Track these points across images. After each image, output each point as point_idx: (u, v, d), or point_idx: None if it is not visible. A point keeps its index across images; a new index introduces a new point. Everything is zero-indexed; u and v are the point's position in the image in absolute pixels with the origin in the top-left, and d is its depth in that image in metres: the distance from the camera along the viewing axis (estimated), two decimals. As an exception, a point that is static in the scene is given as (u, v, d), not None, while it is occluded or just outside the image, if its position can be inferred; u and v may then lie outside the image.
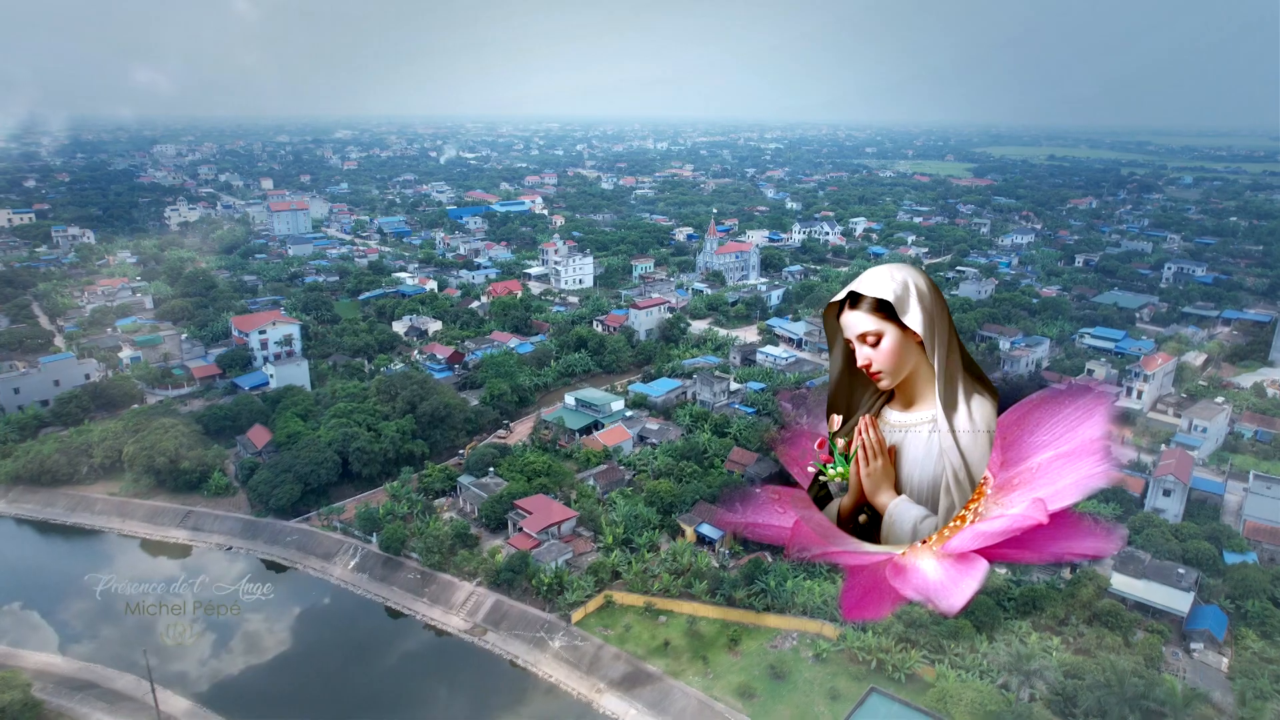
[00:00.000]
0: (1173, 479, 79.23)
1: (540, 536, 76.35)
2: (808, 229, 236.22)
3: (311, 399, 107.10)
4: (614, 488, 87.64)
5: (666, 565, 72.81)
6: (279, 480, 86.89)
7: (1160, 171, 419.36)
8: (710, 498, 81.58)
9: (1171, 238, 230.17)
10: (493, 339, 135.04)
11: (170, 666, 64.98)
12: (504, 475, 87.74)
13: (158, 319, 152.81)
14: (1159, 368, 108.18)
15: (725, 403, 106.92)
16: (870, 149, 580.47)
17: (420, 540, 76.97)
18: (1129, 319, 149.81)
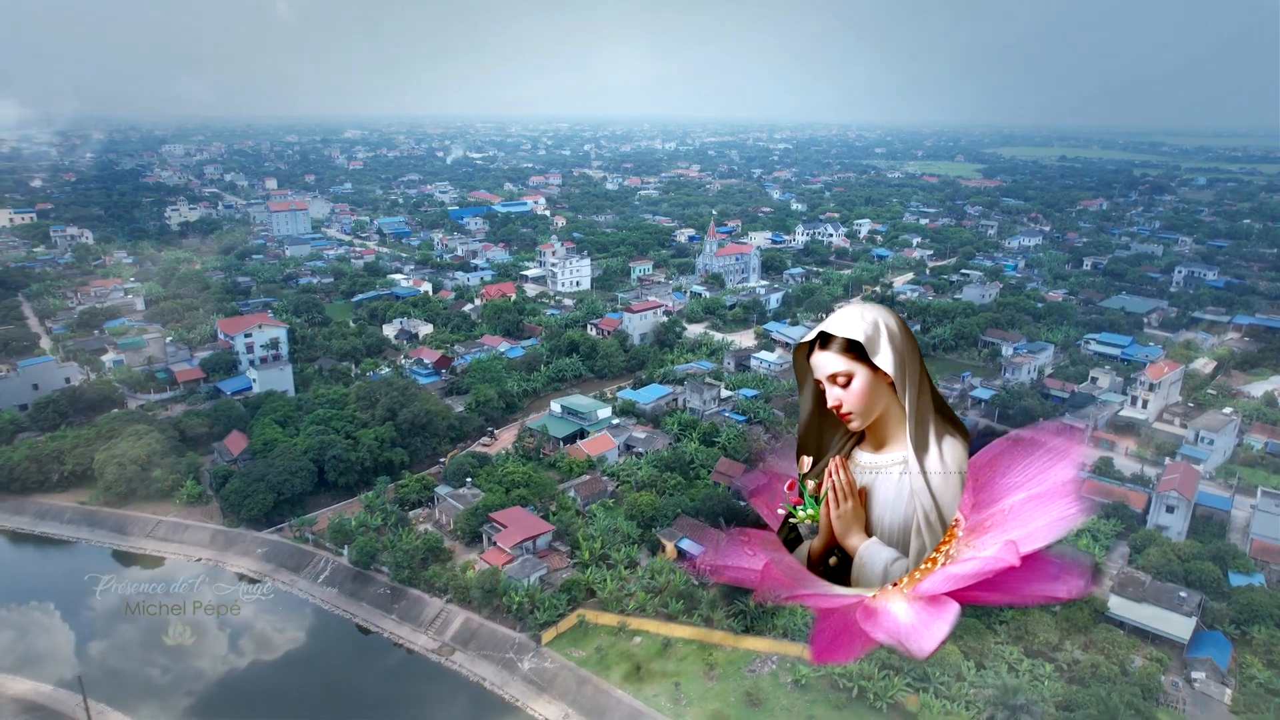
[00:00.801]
0: (1176, 495, 75.76)
1: (514, 552, 73.59)
2: (811, 230, 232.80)
3: (292, 404, 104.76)
4: (596, 499, 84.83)
5: (644, 583, 69.91)
6: (251, 490, 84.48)
7: (1173, 172, 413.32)
8: (693, 511, 78.59)
9: (1183, 240, 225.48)
10: (483, 343, 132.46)
11: (118, 685, 62.47)
12: (482, 486, 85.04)
13: (147, 321, 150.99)
14: (1165, 376, 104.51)
15: (715, 410, 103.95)
16: (880, 150, 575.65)
17: (391, 554, 74.31)
18: (1137, 324, 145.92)
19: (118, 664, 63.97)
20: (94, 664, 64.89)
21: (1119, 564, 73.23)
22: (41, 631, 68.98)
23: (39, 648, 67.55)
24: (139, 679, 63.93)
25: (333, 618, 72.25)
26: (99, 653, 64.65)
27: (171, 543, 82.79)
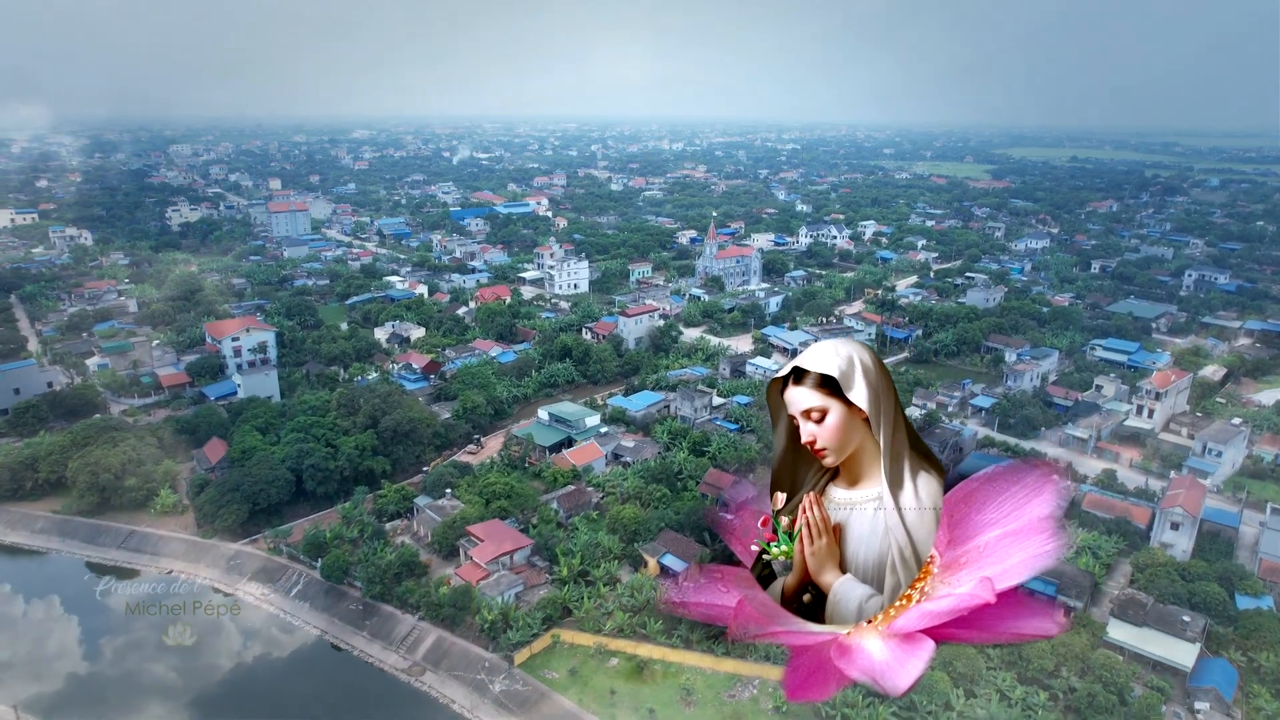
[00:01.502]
0: (1181, 511, 72.59)
1: (490, 567, 71.08)
2: (815, 232, 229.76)
3: (275, 411, 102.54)
4: (579, 511, 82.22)
5: (622, 601, 67.26)
6: (225, 500, 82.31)
7: (1186, 173, 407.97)
8: (677, 525, 75.90)
9: (1194, 242, 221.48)
10: (474, 347, 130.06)
11: (67, 702, 60.23)
12: (462, 497, 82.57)
13: (138, 323, 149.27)
14: (1172, 384, 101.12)
15: (707, 418, 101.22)
16: (888, 150, 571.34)
17: (364, 569, 71.89)
18: (1144, 329, 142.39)
19: (69, 681, 61.76)
20: (46, 680, 62.72)
21: (1120, 584, 70.18)
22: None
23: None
24: (89, 697, 61.67)
25: (302, 634, 69.89)
26: (51, 668, 62.45)
27: (143, 554, 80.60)
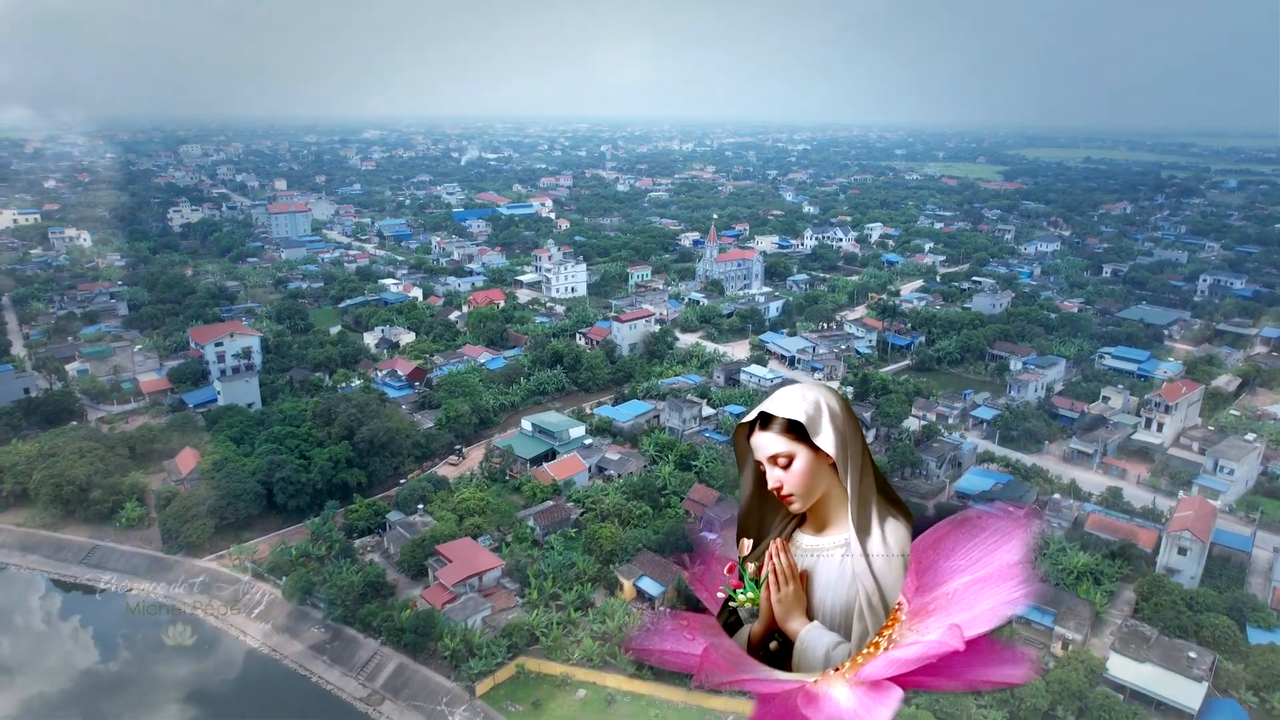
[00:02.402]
0: (1189, 536, 68.44)
1: (457, 590, 67.81)
2: (821, 235, 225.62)
3: (253, 419, 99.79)
4: (557, 528, 78.83)
5: (593, 628, 63.85)
6: (191, 514, 79.44)
7: (1202, 174, 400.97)
8: (656, 546, 72.41)
9: (1210, 246, 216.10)
10: (463, 353, 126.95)
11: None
12: (434, 513, 79.36)
13: (126, 327, 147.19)
14: (1183, 397, 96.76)
15: (696, 430, 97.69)
16: (900, 151, 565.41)
17: (326, 589, 68.77)
18: (1156, 337, 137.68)
19: (7, 705, 58.90)
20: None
21: (1123, 612, 66.17)
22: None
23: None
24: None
25: (260, 658, 66.84)
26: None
27: (104, 570, 77.77)
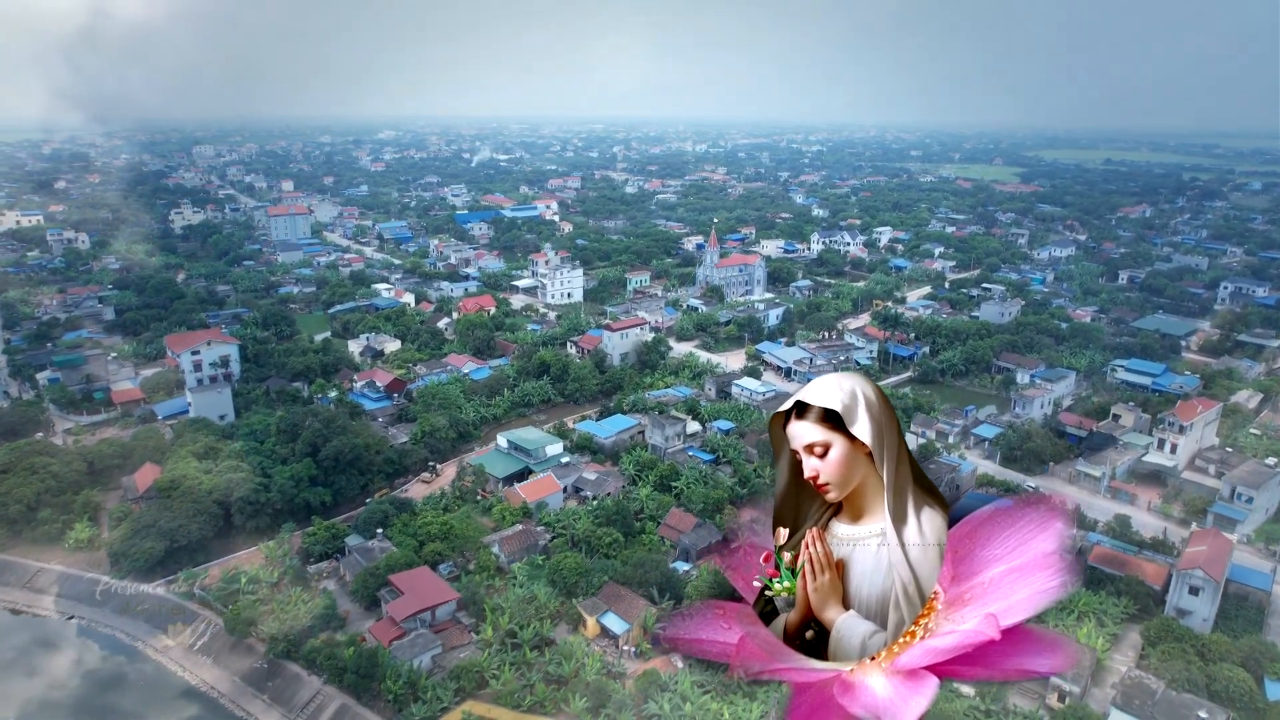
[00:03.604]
0: (1202, 575, 62.85)
1: (407, 625, 63.33)
2: (828, 238, 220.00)
3: (220, 433, 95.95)
4: (524, 555, 74.23)
5: (548, 670, 59.14)
6: (139, 536, 75.45)
7: (1226, 176, 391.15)
8: (624, 578, 67.62)
9: (1232, 251, 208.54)
10: (447, 363, 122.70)
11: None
12: (393, 538, 75.00)
13: (109, 332, 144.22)
14: (1199, 416, 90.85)
15: (680, 448, 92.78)
16: (915, 152, 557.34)
17: (270, 621, 64.51)
18: (1173, 348, 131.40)
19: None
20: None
21: (1128, 658, 60.74)
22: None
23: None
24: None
25: (197, 695, 62.61)
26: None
27: (46, 595, 73.89)
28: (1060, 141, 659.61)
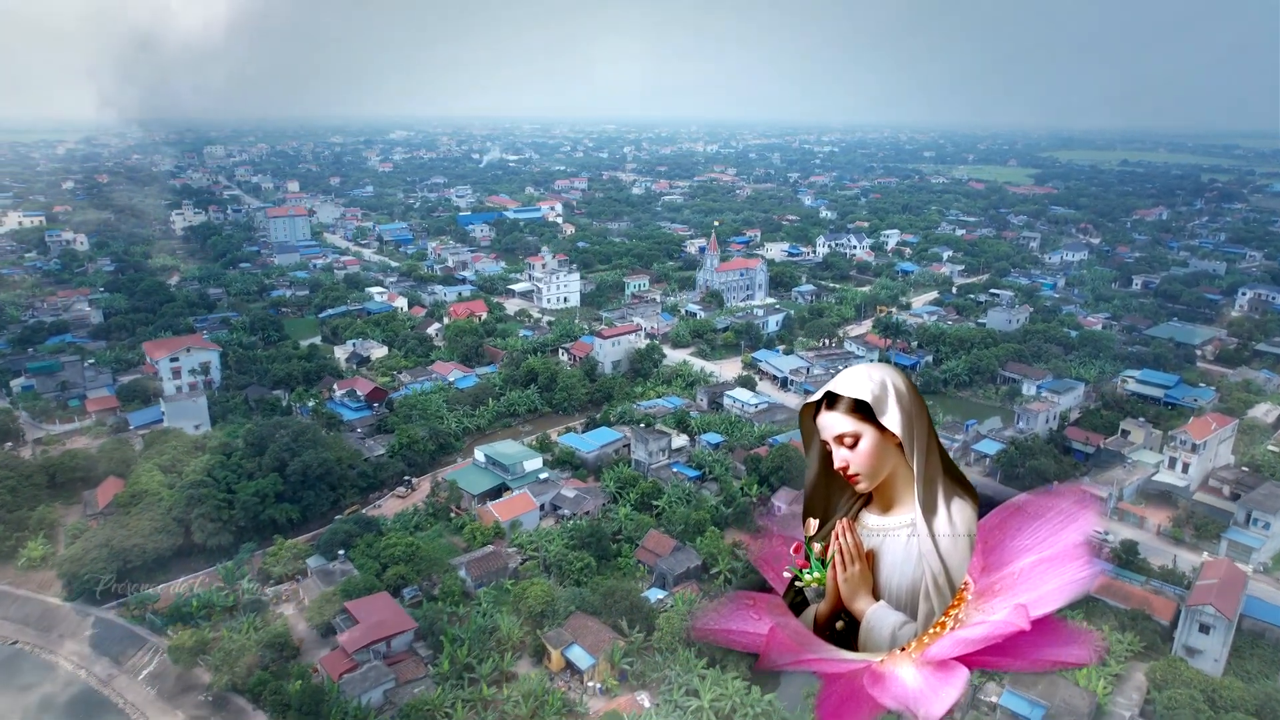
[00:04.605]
0: (1213, 612, 58.27)
1: (360, 656, 59.61)
2: (834, 242, 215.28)
3: (191, 444, 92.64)
4: (492, 579, 70.43)
5: (505, 709, 55.29)
6: (92, 555, 72.15)
7: (1246, 177, 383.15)
8: (593, 608, 63.67)
9: (1251, 255, 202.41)
10: (432, 371, 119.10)
11: None
12: (356, 560, 71.36)
13: (93, 337, 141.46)
14: (1213, 434, 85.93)
15: (664, 463, 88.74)
16: (929, 153, 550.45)
17: (215, 653, 60.94)
18: (1188, 358, 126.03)
19: None
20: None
21: (1132, 702, 56.21)
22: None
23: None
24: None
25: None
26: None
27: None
28: (1076, 142, 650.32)
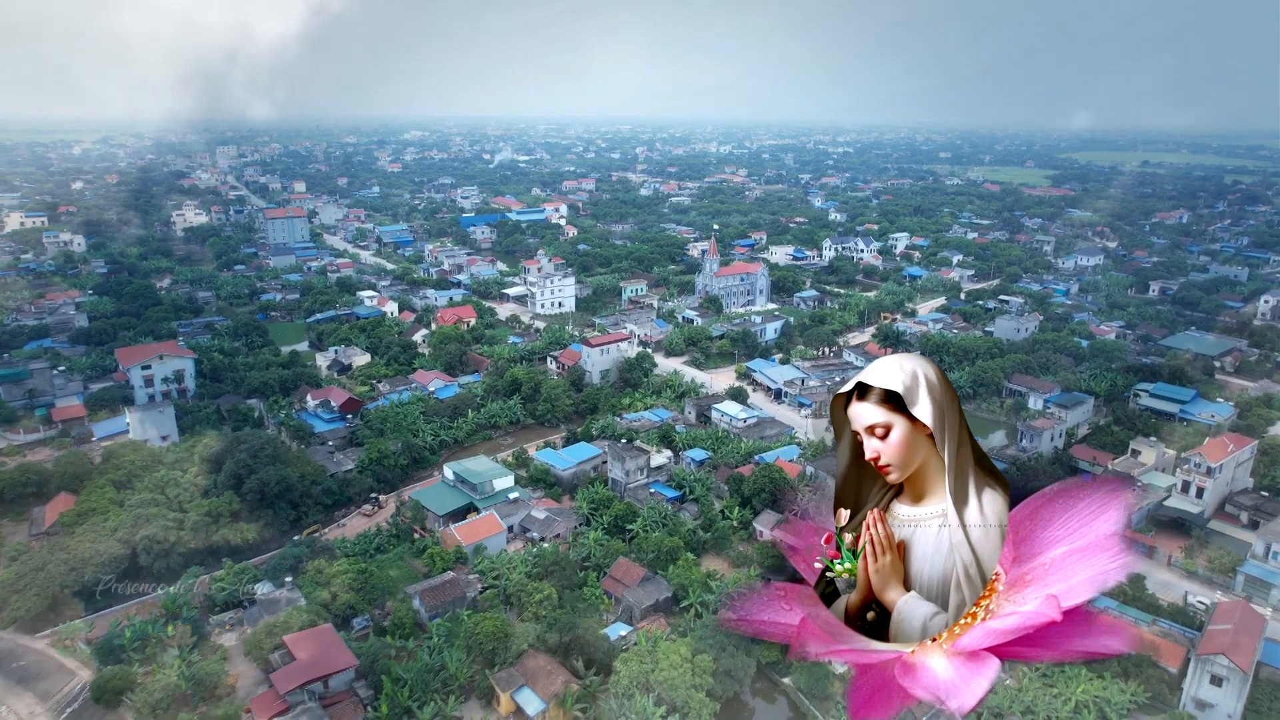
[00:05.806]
0: (1226, 663, 52.72)
1: (293, 698, 55.15)
2: (841, 245, 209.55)
3: (150, 458, 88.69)
4: (447, 609, 65.75)
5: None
6: (25, 580, 68.18)
7: (1271, 179, 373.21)
8: (549, 646, 58.92)
9: (1275, 260, 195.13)
10: (412, 380, 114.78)
11: None
12: (304, 587, 66.97)
13: (74, 341, 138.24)
14: (1230, 456, 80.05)
15: (642, 482, 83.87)
16: (945, 154, 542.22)
17: (139, 692, 56.67)
18: (1206, 370, 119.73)
19: None
20: None
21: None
22: None
23: None
24: None
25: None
26: None
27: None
28: (1096, 143, 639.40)
